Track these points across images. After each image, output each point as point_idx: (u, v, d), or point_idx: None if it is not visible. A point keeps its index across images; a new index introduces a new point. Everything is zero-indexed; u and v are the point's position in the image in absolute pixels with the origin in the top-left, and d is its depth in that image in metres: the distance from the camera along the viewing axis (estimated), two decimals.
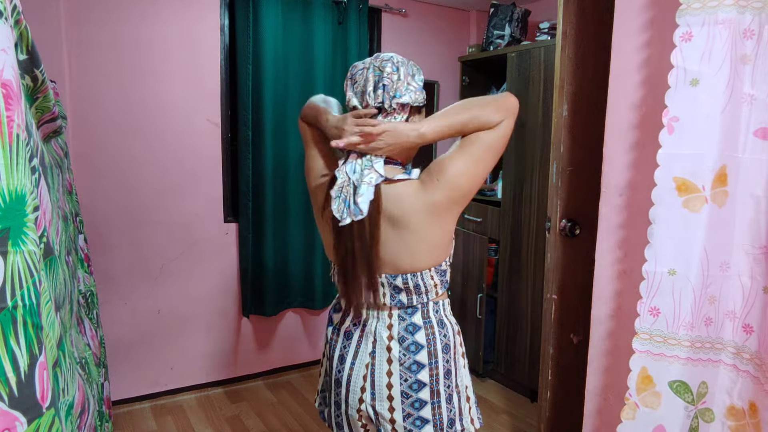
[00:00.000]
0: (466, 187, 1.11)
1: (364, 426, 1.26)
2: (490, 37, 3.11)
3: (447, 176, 1.09)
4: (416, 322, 1.19)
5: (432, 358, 1.18)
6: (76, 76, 2.48)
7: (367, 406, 1.21)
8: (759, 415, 1.16)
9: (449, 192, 1.10)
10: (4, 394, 0.56)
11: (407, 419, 1.18)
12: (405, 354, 1.17)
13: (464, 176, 1.10)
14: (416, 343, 1.18)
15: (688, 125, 1.19)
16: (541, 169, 2.72)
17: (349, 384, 1.23)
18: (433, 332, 1.19)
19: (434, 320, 1.20)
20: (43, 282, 0.65)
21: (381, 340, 1.20)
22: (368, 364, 1.21)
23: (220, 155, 2.87)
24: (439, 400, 1.19)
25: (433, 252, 1.16)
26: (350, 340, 1.25)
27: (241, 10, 2.74)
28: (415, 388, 1.17)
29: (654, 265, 1.25)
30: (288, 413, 2.76)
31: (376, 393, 1.20)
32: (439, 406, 1.19)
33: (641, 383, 1.28)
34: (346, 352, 1.25)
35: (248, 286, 2.92)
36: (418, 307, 1.20)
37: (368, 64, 1.15)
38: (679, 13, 1.18)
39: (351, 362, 1.23)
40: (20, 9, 0.69)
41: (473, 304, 3.13)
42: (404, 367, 1.17)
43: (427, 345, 1.18)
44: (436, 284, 1.19)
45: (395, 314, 1.20)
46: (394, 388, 1.18)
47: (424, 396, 1.18)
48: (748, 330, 1.20)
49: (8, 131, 0.58)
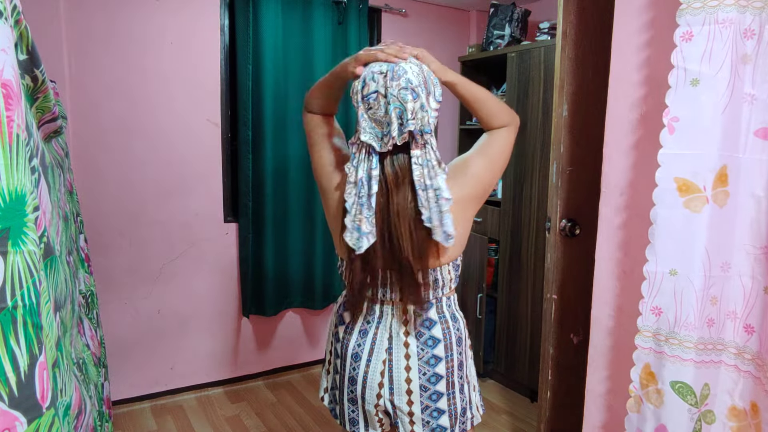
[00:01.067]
0: (488, 182, 1.22)
1: (380, 420, 1.29)
2: (490, 37, 3.11)
3: (473, 171, 1.20)
4: (432, 317, 1.23)
5: (448, 351, 1.23)
6: (76, 76, 2.48)
7: (385, 401, 1.24)
8: (760, 416, 1.16)
9: (475, 187, 1.19)
10: (4, 394, 0.56)
11: (425, 411, 1.23)
12: (423, 348, 1.22)
13: (487, 172, 1.21)
14: (433, 337, 1.22)
15: (688, 125, 1.19)
16: (541, 169, 2.72)
17: (365, 381, 1.25)
18: (448, 327, 1.24)
19: (447, 315, 1.25)
20: (43, 282, 0.65)
21: (398, 336, 1.23)
22: (385, 360, 1.23)
23: (220, 155, 2.87)
24: (454, 391, 1.25)
25: (455, 247, 1.19)
26: (365, 338, 1.26)
27: (241, 10, 2.74)
28: (433, 381, 1.22)
29: (655, 266, 1.25)
30: (288, 413, 2.76)
31: (394, 388, 1.23)
32: (454, 396, 1.25)
33: (645, 378, 1.29)
34: (361, 350, 1.26)
35: (248, 286, 2.92)
36: (432, 302, 1.23)
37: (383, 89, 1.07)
38: (680, 13, 1.18)
39: (367, 359, 1.25)
40: (20, 9, 0.69)
41: (473, 304, 3.12)
42: (422, 361, 1.21)
43: (444, 339, 1.23)
44: (452, 279, 1.25)
45: (410, 309, 1.23)
46: (413, 383, 1.22)
47: (441, 388, 1.23)
48: (750, 330, 1.20)
49: (8, 131, 0.58)
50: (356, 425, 1.31)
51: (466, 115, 3.39)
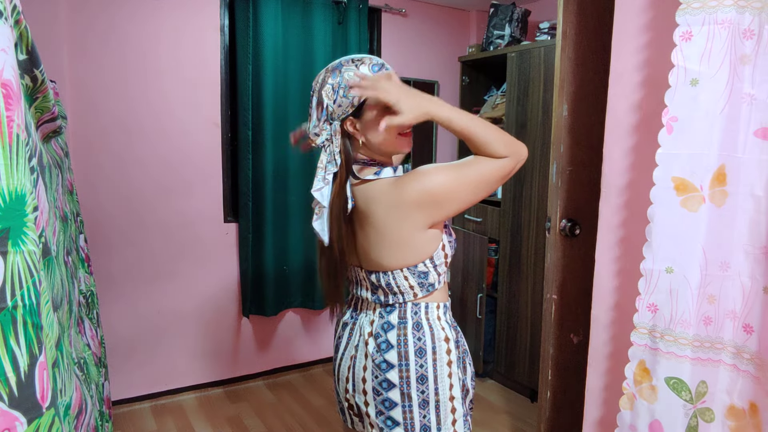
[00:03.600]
0: (440, 199, 1.08)
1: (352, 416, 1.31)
2: (490, 37, 3.11)
3: (424, 180, 1.08)
4: (391, 320, 1.19)
5: (402, 360, 1.16)
6: (76, 76, 2.48)
7: (350, 396, 1.26)
8: (759, 416, 1.16)
9: (420, 196, 1.08)
10: (4, 394, 0.56)
11: (379, 416, 1.19)
12: (377, 351, 1.18)
13: (442, 188, 1.07)
14: (387, 341, 1.18)
15: (686, 125, 1.19)
16: (541, 169, 2.72)
17: (338, 374, 1.29)
18: (405, 333, 1.17)
19: (410, 322, 1.18)
20: (43, 282, 0.65)
21: (363, 335, 1.23)
22: (352, 356, 1.25)
23: (220, 155, 2.87)
24: (411, 404, 1.16)
25: (399, 251, 1.13)
26: (344, 331, 1.30)
27: (241, 10, 2.74)
28: (385, 387, 1.18)
29: (652, 263, 1.25)
30: (288, 413, 2.76)
31: (355, 385, 1.23)
32: (411, 410, 1.17)
33: (639, 375, 1.30)
34: (339, 343, 1.31)
35: (248, 286, 2.92)
36: (396, 306, 1.20)
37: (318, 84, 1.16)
38: (679, 13, 1.18)
39: (341, 353, 1.28)
40: (20, 9, 0.69)
41: (473, 304, 3.13)
42: (375, 363, 1.18)
43: (397, 345, 1.16)
44: (412, 286, 1.17)
45: (378, 311, 1.22)
46: (367, 383, 1.20)
47: (394, 397, 1.17)
48: (749, 330, 1.20)
49: (8, 131, 0.58)
50: (344, 415, 1.35)
51: None
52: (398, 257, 1.14)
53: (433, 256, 1.16)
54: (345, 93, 1.10)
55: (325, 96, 1.12)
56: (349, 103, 1.11)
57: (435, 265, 1.17)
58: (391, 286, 1.17)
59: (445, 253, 1.18)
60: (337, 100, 1.11)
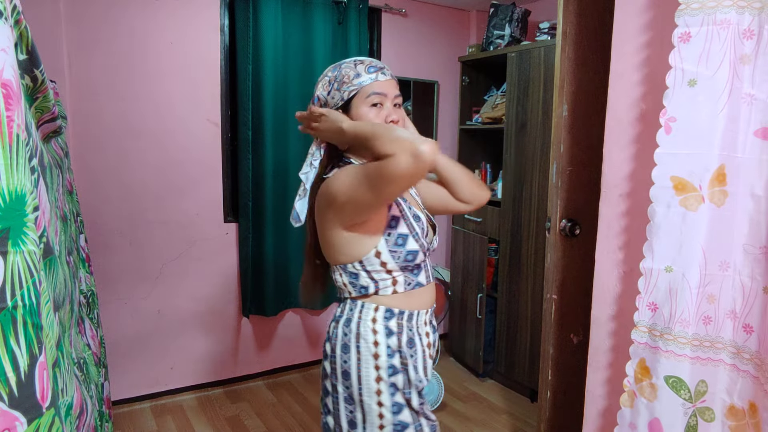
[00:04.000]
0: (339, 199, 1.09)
1: None
2: (490, 37, 3.11)
3: (331, 181, 1.13)
4: (336, 313, 1.26)
5: (332, 352, 1.22)
6: (76, 76, 2.48)
7: None
8: (759, 415, 1.16)
9: (326, 197, 1.13)
10: (4, 394, 0.56)
11: (322, 400, 1.26)
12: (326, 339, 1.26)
13: (340, 189, 1.08)
14: (328, 332, 1.25)
15: (685, 125, 1.19)
16: (541, 169, 2.72)
17: None
18: (337, 327, 1.22)
19: (344, 317, 1.22)
20: (43, 282, 0.66)
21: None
22: None
23: (220, 155, 2.87)
24: (338, 396, 1.20)
25: (327, 249, 1.21)
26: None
27: (241, 10, 2.74)
28: (322, 374, 1.25)
29: (651, 262, 1.26)
30: (288, 413, 2.76)
31: None
32: (338, 403, 1.20)
33: (639, 373, 1.30)
34: None
35: (248, 286, 2.92)
36: (342, 300, 1.26)
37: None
38: (678, 14, 1.18)
39: None
40: (20, 9, 0.69)
41: (473, 304, 3.13)
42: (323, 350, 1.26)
43: (332, 338, 1.23)
44: (345, 284, 1.21)
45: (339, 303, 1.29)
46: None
47: (327, 385, 1.23)
48: (749, 330, 1.20)
49: (8, 131, 0.58)
50: None
51: (466, 115, 3.39)
52: (329, 254, 1.21)
53: (363, 260, 1.16)
54: (338, 87, 1.18)
55: (321, 87, 1.22)
56: (340, 97, 1.19)
57: (367, 270, 1.17)
58: (335, 281, 1.25)
59: (382, 261, 1.15)
60: (330, 92, 1.20)
